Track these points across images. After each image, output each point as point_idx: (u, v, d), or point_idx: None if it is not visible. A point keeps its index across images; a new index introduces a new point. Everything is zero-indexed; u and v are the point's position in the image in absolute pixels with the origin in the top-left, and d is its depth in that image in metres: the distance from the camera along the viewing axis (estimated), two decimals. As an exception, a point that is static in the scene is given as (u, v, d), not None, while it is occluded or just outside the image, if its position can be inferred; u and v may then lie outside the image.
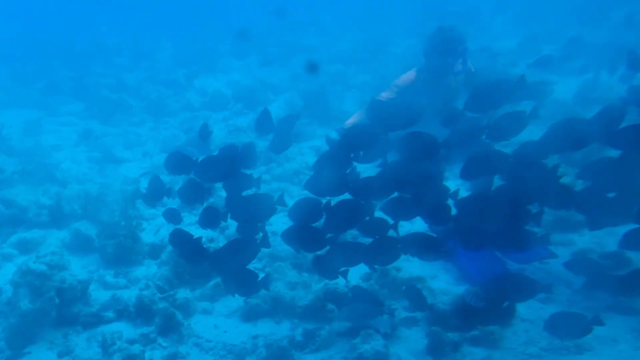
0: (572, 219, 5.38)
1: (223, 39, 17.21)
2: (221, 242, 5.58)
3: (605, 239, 5.09)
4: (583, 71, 10.54)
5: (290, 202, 4.43)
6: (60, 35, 18.30)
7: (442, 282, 4.99)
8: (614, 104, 3.57)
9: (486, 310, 3.77)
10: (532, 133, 3.87)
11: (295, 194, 7.18)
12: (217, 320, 4.75)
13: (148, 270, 5.54)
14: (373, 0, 20.33)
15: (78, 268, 5.70)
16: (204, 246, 4.79)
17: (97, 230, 5.98)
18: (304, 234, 4.09)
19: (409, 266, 5.21)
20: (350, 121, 6.34)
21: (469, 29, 16.09)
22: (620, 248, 3.98)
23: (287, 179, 7.56)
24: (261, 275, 4.19)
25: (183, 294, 4.90)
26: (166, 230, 6.23)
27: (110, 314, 4.76)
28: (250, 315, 4.72)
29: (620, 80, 6.32)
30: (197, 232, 4.91)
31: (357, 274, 5.08)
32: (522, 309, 4.33)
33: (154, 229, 6.30)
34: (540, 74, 10.64)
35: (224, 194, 4.40)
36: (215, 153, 4.36)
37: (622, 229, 3.91)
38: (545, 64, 3.77)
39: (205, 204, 4.38)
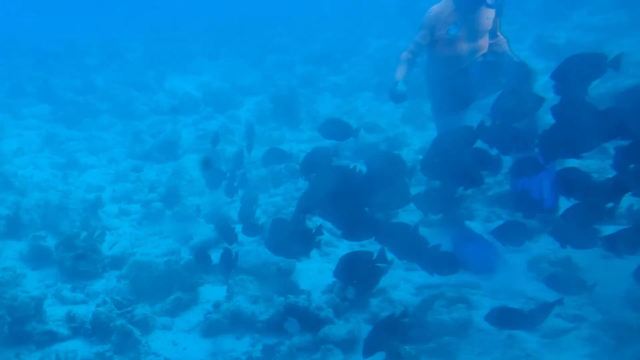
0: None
1: (195, 39, 17.00)
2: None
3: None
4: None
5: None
6: (26, 34, 17.89)
7: (403, 292, 4.98)
8: None
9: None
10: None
11: (262, 202, 7.10)
12: (177, 336, 4.67)
13: (108, 284, 5.42)
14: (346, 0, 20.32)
15: (35, 282, 5.56)
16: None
17: (56, 242, 5.82)
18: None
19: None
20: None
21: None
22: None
23: (254, 185, 7.47)
24: None
25: (142, 309, 4.79)
26: (126, 242, 6.12)
27: (65, 332, 4.64)
28: (210, 330, 4.64)
29: None
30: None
31: (320, 286, 5.05)
32: (479, 319, 4.35)
33: (115, 239, 6.16)
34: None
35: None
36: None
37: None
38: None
39: None
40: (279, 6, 20.63)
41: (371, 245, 4.84)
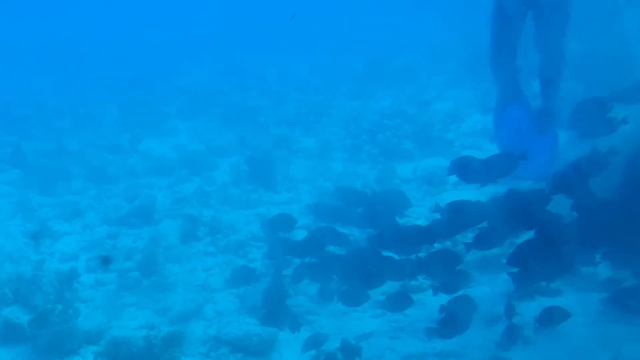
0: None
1: (170, 101, 17.16)
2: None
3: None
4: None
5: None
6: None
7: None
8: None
9: None
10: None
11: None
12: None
13: (84, 361, 5.26)
14: (316, 62, 20.93)
15: (7, 361, 5.35)
16: None
17: (28, 318, 5.65)
18: None
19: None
20: None
21: (408, 87, 16.89)
22: None
23: (232, 251, 7.44)
24: None
25: (121, 389, 4.65)
26: (102, 315, 5.96)
27: (40, 417, 4.45)
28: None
29: None
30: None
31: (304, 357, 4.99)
32: None
33: (91, 312, 6.00)
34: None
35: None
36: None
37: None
38: None
39: None
40: (252, 69, 21.10)
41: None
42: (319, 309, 5.86)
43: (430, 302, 5.44)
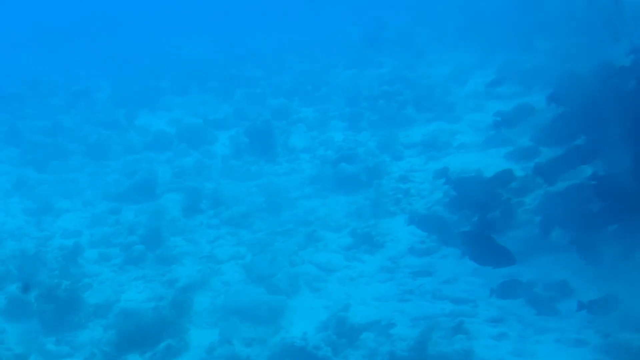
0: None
1: (163, 75, 16.89)
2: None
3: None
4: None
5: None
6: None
7: (399, 325, 4.93)
8: None
9: None
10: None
11: (246, 238, 7.01)
12: (170, 386, 4.53)
13: (93, 334, 5.24)
14: (311, 32, 20.60)
15: (15, 337, 5.32)
16: None
17: (35, 294, 5.61)
18: None
19: (364, 310, 5.17)
20: None
21: (405, 54, 16.66)
22: None
23: (236, 222, 7.38)
24: None
25: (132, 359, 4.64)
26: (109, 289, 5.93)
27: (52, 390, 4.44)
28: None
29: None
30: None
31: (314, 324, 4.98)
32: (479, 349, 4.35)
33: (97, 286, 5.96)
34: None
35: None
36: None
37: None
38: None
39: None
40: (246, 40, 20.78)
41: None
42: (326, 275, 5.83)
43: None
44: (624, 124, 4.53)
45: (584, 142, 5.72)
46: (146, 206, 8.25)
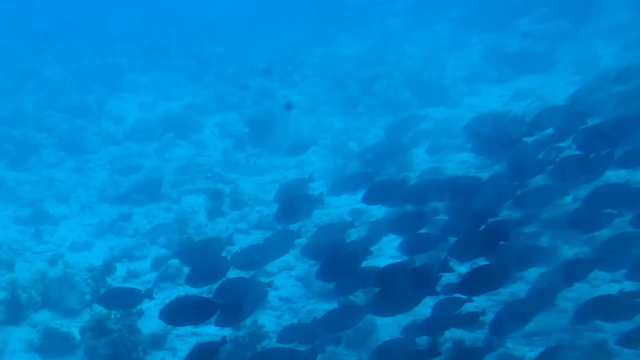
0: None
1: (117, 52, 15.56)
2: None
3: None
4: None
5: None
6: None
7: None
8: None
9: None
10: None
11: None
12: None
13: (158, 371, 4.71)
14: (260, 5, 19.70)
15: (65, 380, 4.69)
16: None
17: (79, 325, 4.95)
18: None
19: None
20: None
21: (367, 31, 16.36)
22: None
23: (268, 226, 6.89)
24: None
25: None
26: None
27: None
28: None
29: None
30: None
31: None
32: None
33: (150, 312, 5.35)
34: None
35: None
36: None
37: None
38: None
39: None
40: (196, 14, 19.59)
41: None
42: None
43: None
44: None
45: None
46: (153, 209, 7.57)
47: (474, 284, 4.02)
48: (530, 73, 11.00)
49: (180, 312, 4.27)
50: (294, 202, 5.22)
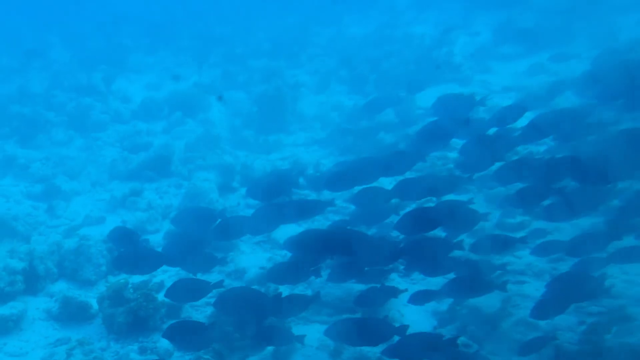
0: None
1: (122, 32, 15.50)
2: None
3: None
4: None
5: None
6: None
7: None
8: None
9: None
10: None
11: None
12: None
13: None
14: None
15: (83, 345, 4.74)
16: None
17: (98, 295, 5.01)
18: None
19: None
20: None
21: (373, 11, 16.25)
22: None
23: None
24: None
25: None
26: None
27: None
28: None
29: None
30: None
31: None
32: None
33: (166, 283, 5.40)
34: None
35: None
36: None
37: None
38: None
39: None
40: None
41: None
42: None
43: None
44: None
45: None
46: (164, 185, 7.62)
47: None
48: (545, 49, 10.92)
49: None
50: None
